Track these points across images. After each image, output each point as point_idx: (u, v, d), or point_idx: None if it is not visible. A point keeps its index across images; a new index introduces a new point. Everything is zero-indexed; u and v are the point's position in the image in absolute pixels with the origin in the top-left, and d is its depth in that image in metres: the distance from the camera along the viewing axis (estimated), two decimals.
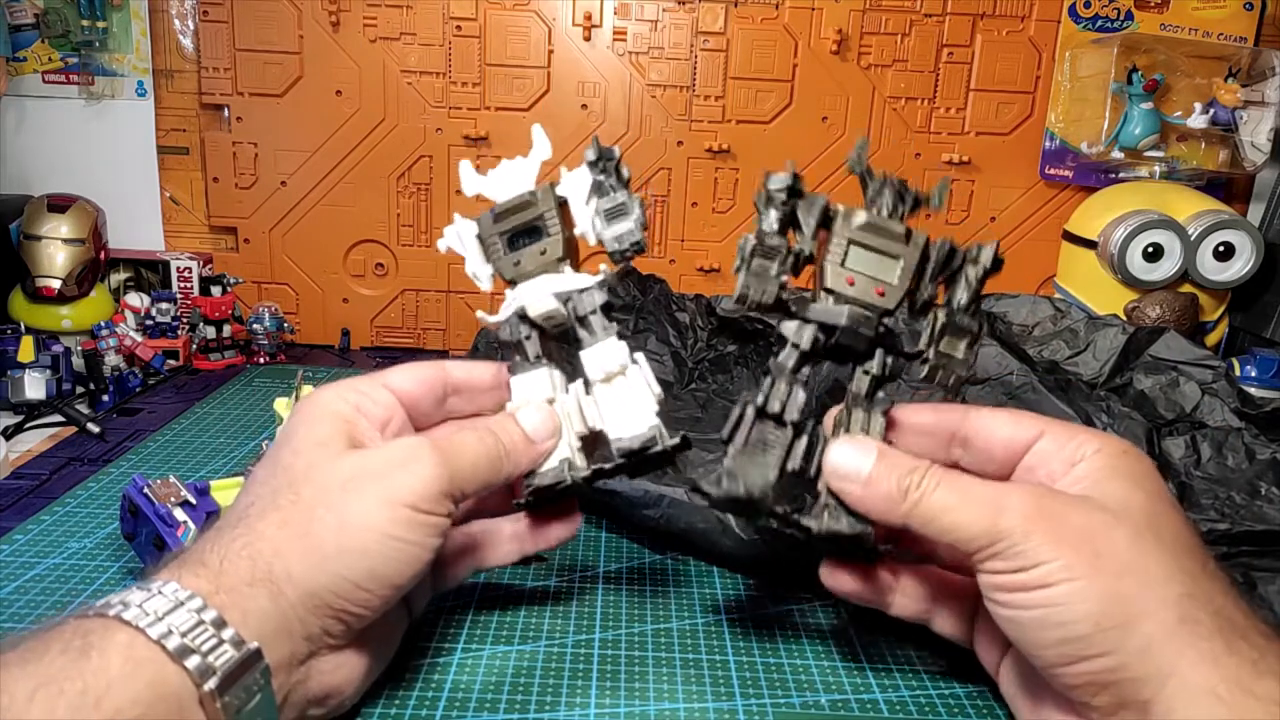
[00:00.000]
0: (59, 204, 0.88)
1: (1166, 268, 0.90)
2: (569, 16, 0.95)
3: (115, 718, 0.26)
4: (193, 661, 0.29)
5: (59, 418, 0.72)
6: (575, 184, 0.43)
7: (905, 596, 0.41)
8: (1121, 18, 0.97)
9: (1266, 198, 1.01)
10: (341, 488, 0.35)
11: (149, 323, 0.86)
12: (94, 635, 0.28)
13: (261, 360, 0.91)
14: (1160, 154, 0.96)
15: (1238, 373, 0.89)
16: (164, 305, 0.87)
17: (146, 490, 0.47)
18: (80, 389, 0.77)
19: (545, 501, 0.43)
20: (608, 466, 0.41)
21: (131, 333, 0.82)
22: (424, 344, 1.03)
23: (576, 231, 0.44)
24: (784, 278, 0.40)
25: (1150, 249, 0.89)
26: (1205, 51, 0.96)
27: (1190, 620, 0.31)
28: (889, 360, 0.40)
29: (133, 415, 0.74)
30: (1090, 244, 0.94)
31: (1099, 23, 0.97)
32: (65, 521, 0.54)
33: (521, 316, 0.43)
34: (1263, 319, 0.95)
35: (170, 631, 0.29)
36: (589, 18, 0.95)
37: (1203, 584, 0.32)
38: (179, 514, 0.46)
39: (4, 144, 0.98)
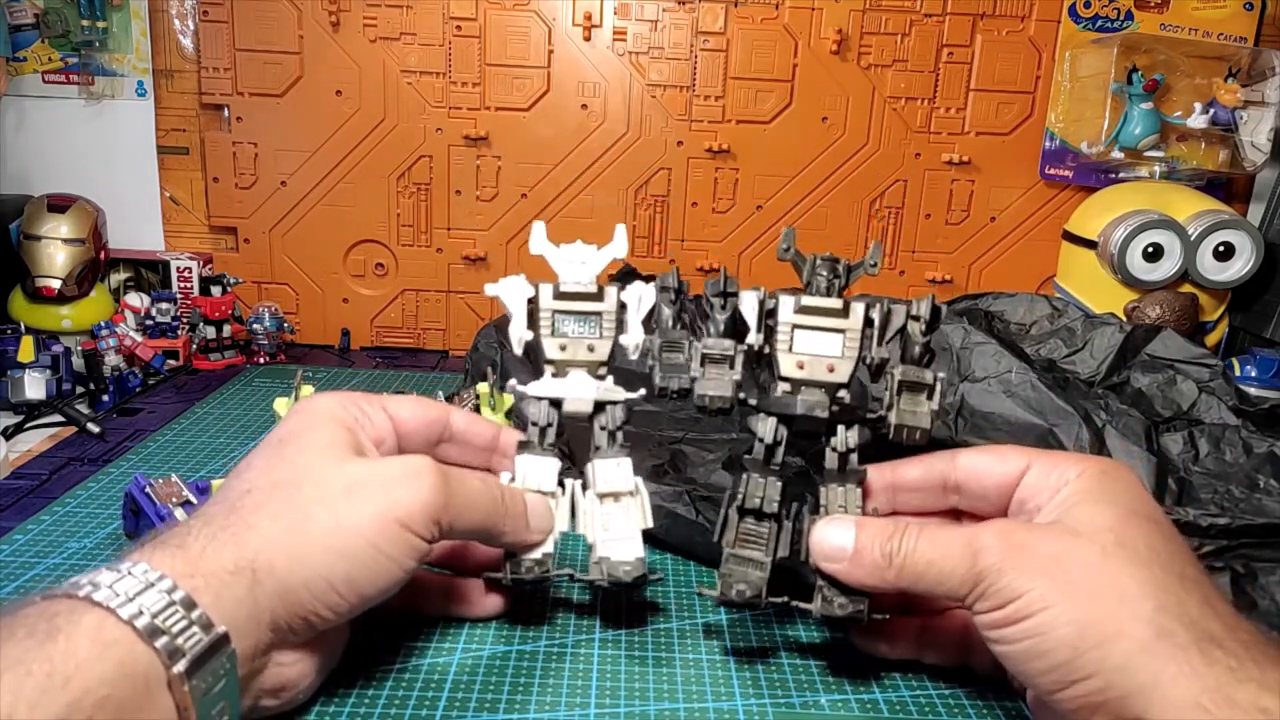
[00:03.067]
0: (59, 204, 0.88)
1: (1166, 268, 0.90)
2: (569, 16, 0.95)
3: (83, 697, 0.26)
4: (162, 642, 0.29)
5: (59, 418, 0.72)
6: (638, 296, 0.46)
7: (895, 644, 0.43)
8: (1121, 18, 0.97)
9: (1266, 198, 1.01)
10: (344, 491, 0.35)
11: (149, 323, 0.86)
12: (60, 618, 0.28)
13: (261, 360, 0.91)
14: (1160, 154, 0.96)
15: (1237, 373, 0.89)
16: (164, 305, 0.87)
17: (148, 489, 0.47)
18: (80, 389, 0.77)
19: (519, 587, 0.44)
20: (604, 586, 0.43)
21: (131, 333, 0.82)
22: (424, 344, 1.03)
23: (621, 339, 0.46)
24: (738, 376, 0.43)
25: (1150, 249, 0.89)
26: (1205, 51, 0.96)
27: (1166, 634, 0.31)
28: (849, 435, 0.42)
29: (133, 415, 0.74)
30: (1090, 244, 0.94)
31: (1099, 23, 0.97)
32: (65, 521, 0.54)
33: (554, 403, 0.45)
34: (1263, 319, 0.95)
35: (141, 612, 0.29)
36: (589, 18, 0.95)
37: (1176, 595, 0.32)
38: (180, 514, 0.46)
39: (4, 144, 0.98)
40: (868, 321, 0.42)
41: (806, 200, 1.00)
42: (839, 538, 0.39)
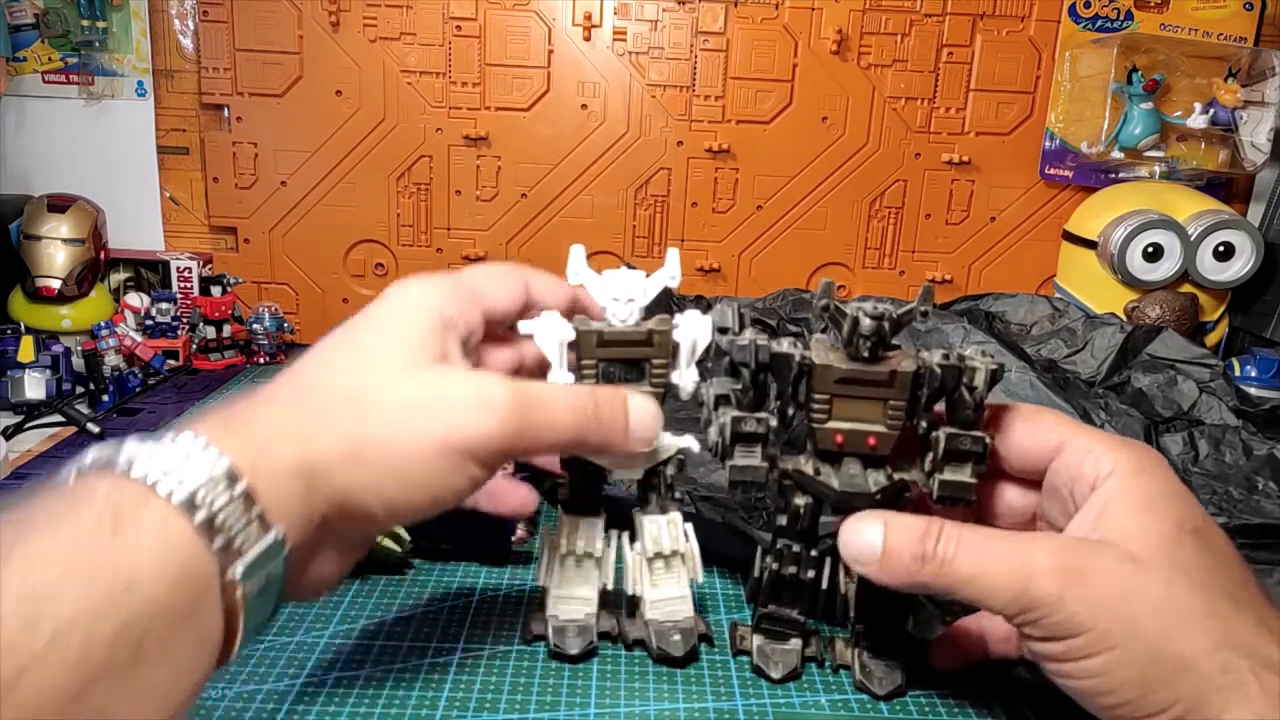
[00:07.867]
0: (59, 204, 0.88)
1: (1166, 268, 0.90)
2: (569, 16, 0.95)
3: (141, 607, 0.25)
4: (220, 542, 0.27)
5: (59, 418, 0.72)
6: (693, 331, 0.40)
7: (998, 640, 0.41)
8: (1121, 18, 0.97)
9: (1266, 198, 1.01)
10: (412, 406, 0.33)
11: (149, 323, 0.86)
12: (126, 511, 0.26)
13: (261, 360, 0.91)
14: (1160, 154, 0.96)
15: (1238, 373, 0.89)
16: (164, 305, 0.87)
17: None
18: (80, 389, 0.77)
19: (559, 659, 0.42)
20: (653, 652, 0.42)
21: (131, 333, 0.82)
22: None
23: (673, 377, 0.40)
24: (773, 454, 0.39)
25: (1150, 249, 0.89)
26: (1205, 51, 0.96)
27: (1229, 668, 0.31)
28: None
29: (133, 415, 0.74)
30: (1090, 244, 0.94)
31: (1099, 23, 0.97)
32: None
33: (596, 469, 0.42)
34: (1263, 319, 0.95)
35: (201, 506, 0.27)
36: (589, 18, 0.95)
37: (1234, 623, 0.32)
38: None
39: (4, 144, 0.98)
40: (915, 387, 0.37)
41: (806, 200, 1.00)
42: (868, 536, 0.36)
